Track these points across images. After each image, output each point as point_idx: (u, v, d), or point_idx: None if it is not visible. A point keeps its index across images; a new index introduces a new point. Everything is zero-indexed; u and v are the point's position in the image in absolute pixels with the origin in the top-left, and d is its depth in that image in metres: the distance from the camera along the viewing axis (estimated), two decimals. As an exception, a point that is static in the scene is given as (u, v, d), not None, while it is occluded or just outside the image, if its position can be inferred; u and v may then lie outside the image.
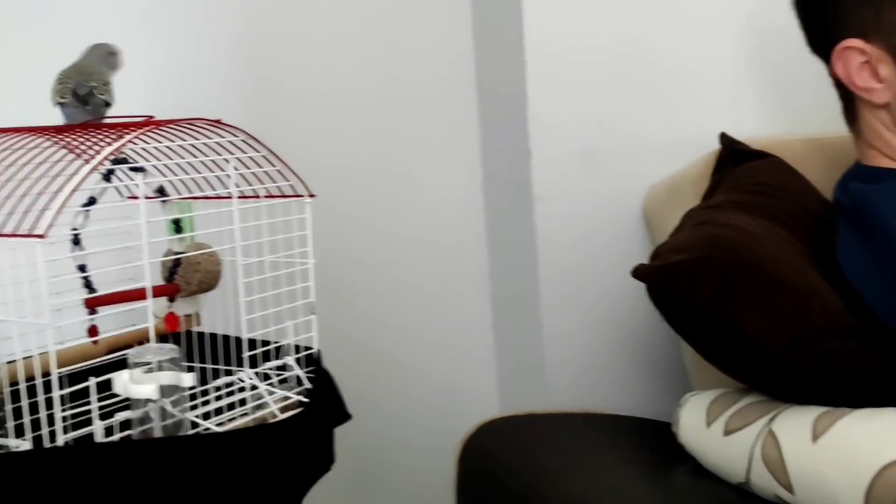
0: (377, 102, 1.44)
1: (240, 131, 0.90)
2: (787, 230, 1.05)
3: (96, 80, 0.89)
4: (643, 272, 0.98)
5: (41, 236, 0.72)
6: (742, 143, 1.25)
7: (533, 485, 1.11)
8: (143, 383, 0.78)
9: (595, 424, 1.26)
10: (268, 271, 0.95)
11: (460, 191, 1.51)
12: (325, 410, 0.90)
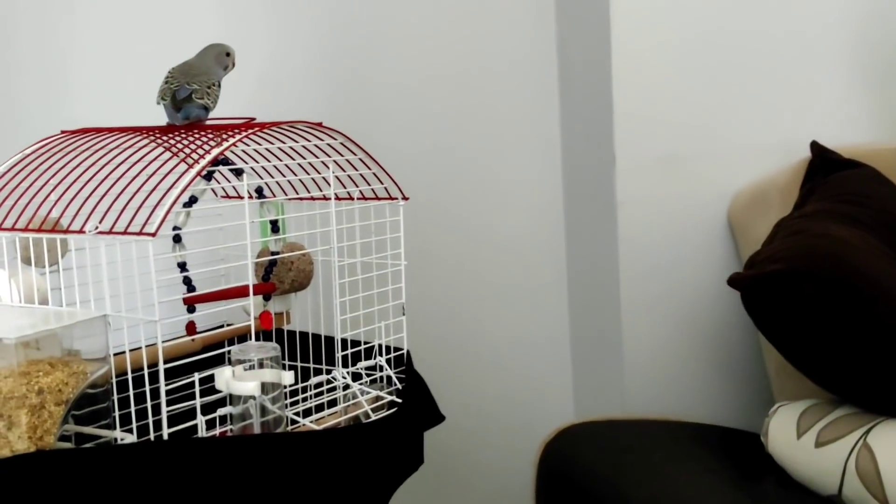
0: (462, 106, 1.45)
1: (339, 134, 0.91)
2: (882, 240, 1.04)
3: (201, 81, 0.90)
4: (739, 280, 0.97)
5: (153, 234, 0.74)
6: (833, 152, 1.23)
7: (614, 491, 1.11)
8: (246, 380, 0.79)
9: (676, 432, 1.25)
10: (360, 272, 0.96)
11: (542, 195, 1.51)
12: (418, 411, 0.91)
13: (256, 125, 0.88)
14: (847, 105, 1.41)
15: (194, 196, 0.94)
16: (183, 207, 0.94)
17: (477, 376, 1.50)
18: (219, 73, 0.92)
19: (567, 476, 1.21)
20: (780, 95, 1.39)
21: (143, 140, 0.89)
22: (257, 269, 1.01)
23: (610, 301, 1.42)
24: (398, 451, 0.88)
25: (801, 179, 1.24)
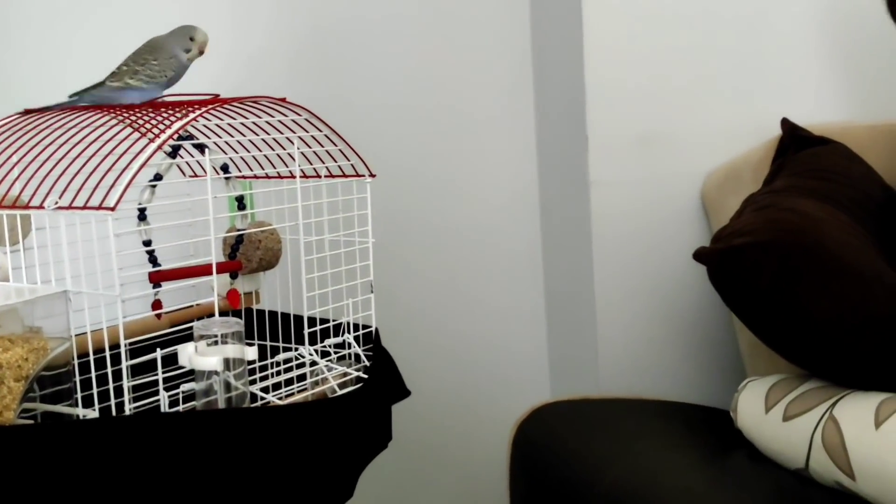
0: (435, 86, 1.45)
1: (304, 110, 0.91)
2: (850, 216, 1.04)
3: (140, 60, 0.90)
4: (705, 255, 0.97)
5: (112, 209, 0.74)
6: (804, 129, 1.23)
7: (585, 468, 1.11)
8: (208, 356, 0.79)
9: (648, 410, 1.25)
10: (328, 250, 0.96)
11: (515, 175, 1.51)
12: (384, 386, 0.91)
13: (219, 100, 0.87)
14: (818, 84, 1.41)
15: (159, 174, 0.94)
16: (148, 186, 0.93)
17: (451, 357, 1.50)
18: (178, 54, 0.91)
19: (540, 454, 1.21)
20: (752, 75, 1.39)
21: (106, 117, 0.89)
22: (224, 247, 1.01)
23: (584, 280, 1.42)
24: (365, 426, 0.88)
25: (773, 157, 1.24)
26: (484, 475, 1.47)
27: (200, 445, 0.76)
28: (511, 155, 1.51)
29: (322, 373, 0.91)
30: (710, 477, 1.04)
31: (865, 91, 1.41)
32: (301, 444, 0.82)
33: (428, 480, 1.51)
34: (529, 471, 1.22)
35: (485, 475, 1.47)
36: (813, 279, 0.91)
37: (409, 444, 1.47)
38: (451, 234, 1.48)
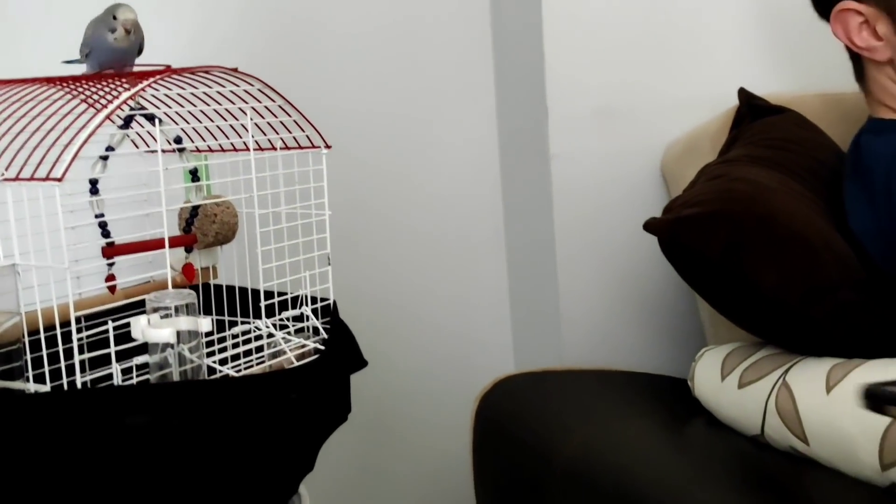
0: (393, 59, 1.44)
1: (256, 80, 0.90)
2: (802, 184, 1.05)
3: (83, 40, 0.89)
4: (655, 225, 0.97)
5: (59, 180, 0.73)
6: (760, 98, 1.24)
7: (546, 439, 1.12)
8: (161, 328, 0.78)
9: (609, 380, 1.26)
10: (284, 222, 0.95)
11: (476, 148, 1.51)
12: (341, 357, 0.91)
13: (169, 70, 0.86)
14: (775, 54, 1.42)
15: (111, 146, 0.92)
16: (100, 158, 0.92)
17: (413, 330, 1.50)
18: (103, 33, 0.89)
19: (502, 425, 1.22)
20: (710, 46, 1.40)
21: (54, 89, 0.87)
22: (179, 220, 1.00)
23: (546, 253, 1.42)
24: (323, 397, 0.88)
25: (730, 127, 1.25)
26: (447, 448, 1.48)
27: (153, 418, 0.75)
28: (472, 129, 1.50)
29: (279, 345, 0.91)
30: (668, 444, 1.05)
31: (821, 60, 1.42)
32: (258, 417, 0.82)
33: (391, 454, 1.52)
34: (492, 442, 1.23)
35: (448, 448, 1.48)
36: (762, 248, 0.92)
37: (372, 419, 1.47)
38: (411, 208, 1.48)
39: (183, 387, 0.78)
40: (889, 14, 1.02)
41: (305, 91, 1.01)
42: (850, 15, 1.05)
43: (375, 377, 1.33)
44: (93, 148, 0.90)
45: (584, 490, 1.01)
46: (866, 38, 1.04)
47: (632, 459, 1.00)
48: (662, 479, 0.95)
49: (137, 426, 0.75)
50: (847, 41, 1.06)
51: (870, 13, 1.03)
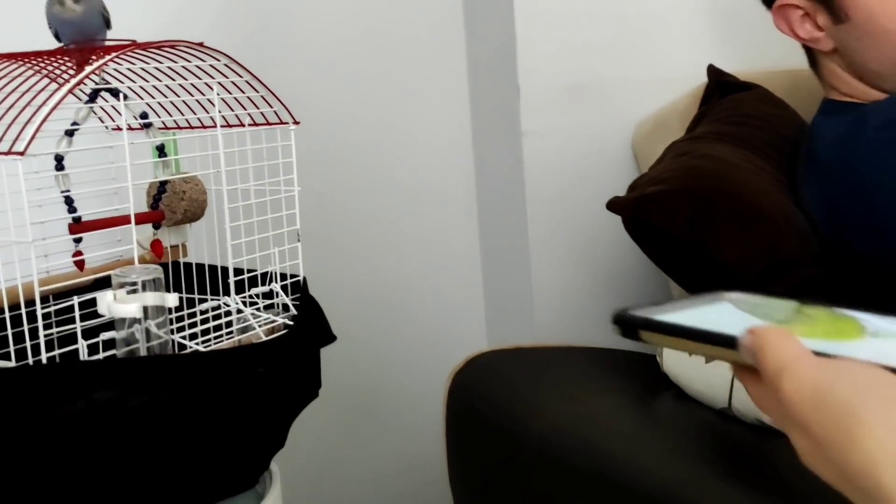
0: (364, 36, 1.43)
1: (222, 55, 0.89)
2: (766, 160, 1.05)
3: None
4: (618, 204, 0.98)
5: (21, 153, 0.72)
6: (729, 75, 1.25)
7: (517, 416, 1.12)
8: (127, 303, 0.78)
9: (580, 357, 1.27)
10: (253, 198, 0.95)
11: (448, 125, 1.51)
12: (310, 332, 0.91)
13: (134, 45, 0.86)
14: (745, 31, 1.43)
15: (76, 122, 0.92)
16: (65, 134, 0.91)
17: (386, 308, 1.51)
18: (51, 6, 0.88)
19: (475, 402, 1.22)
20: (681, 23, 1.40)
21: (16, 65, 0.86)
22: (147, 197, 0.99)
23: (518, 230, 1.43)
24: (291, 372, 0.88)
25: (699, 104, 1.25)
26: (421, 426, 1.48)
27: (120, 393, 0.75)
28: (443, 107, 1.50)
29: (248, 321, 0.91)
30: (638, 418, 1.06)
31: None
32: (226, 391, 0.82)
33: (364, 432, 1.52)
34: (465, 419, 1.23)
35: (422, 426, 1.48)
36: (725, 224, 0.92)
37: (345, 397, 1.47)
38: (383, 184, 1.48)
39: (150, 361, 0.78)
40: (825, 6, 1.03)
41: (273, 67, 1.01)
42: (790, 10, 1.06)
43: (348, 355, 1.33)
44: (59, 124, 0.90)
45: (555, 466, 1.02)
46: (809, 29, 1.05)
47: (601, 435, 1.01)
48: (631, 453, 0.95)
49: (104, 401, 0.75)
50: (791, 34, 1.08)
51: (808, 6, 1.04)
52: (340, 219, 1.45)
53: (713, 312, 0.49)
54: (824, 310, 0.47)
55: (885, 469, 0.34)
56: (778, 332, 0.42)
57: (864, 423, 0.35)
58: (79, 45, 0.91)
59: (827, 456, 0.37)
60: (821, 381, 0.39)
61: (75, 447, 0.75)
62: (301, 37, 1.39)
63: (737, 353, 0.44)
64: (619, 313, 0.49)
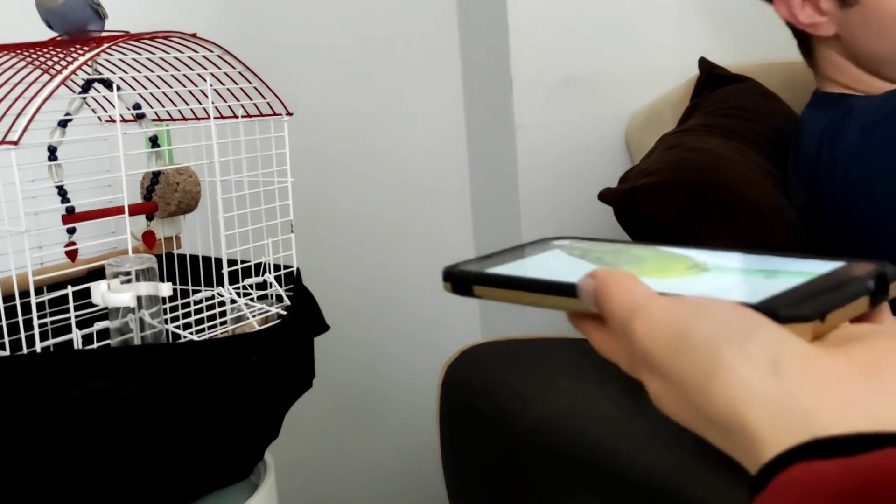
0: (358, 29, 1.43)
1: (216, 46, 0.89)
2: (758, 152, 1.06)
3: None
4: (609, 195, 0.98)
5: (14, 143, 0.72)
6: (721, 68, 1.25)
7: (511, 405, 1.13)
8: (121, 293, 0.78)
9: (572, 348, 1.27)
10: (246, 189, 0.95)
11: (442, 118, 1.51)
12: (303, 322, 0.91)
13: (127, 36, 0.86)
14: (738, 23, 1.43)
15: (69, 113, 0.92)
16: (58, 126, 0.91)
17: (380, 299, 1.51)
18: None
19: (468, 393, 1.23)
20: (673, 16, 1.41)
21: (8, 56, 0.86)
22: (140, 189, 0.99)
23: (512, 223, 1.43)
24: (285, 362, 0.88)
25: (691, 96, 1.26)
26: (415, 418, 1.49)
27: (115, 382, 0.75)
28: (437, 99, 1.50)
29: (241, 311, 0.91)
30: (625, 407, 1.06)
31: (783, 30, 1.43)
32: (220, 380, 0.82)
33: (358, 423, 1.53)
34: (458, 410, 1.24)
35: (415, 416, 1.49)
36: (715, 217, 0.93)
37: (339, 388, 1.47)
38: (377, 176, 1.48)
39: (144, 351, 0.78)
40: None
41: (266, 58, 1.01)
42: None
43: (342, 346, 1.33)
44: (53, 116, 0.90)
45: (546, 455, 1.02)
46: (810, 14, 1.04)
47: (591, 424, 1.01)
48: (621, 442, 0.96)
49: (99, 391, 0.75)
50: (791, 19, 1.06)
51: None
52: (334, 210, 1.45)
53: (545, 261, 0.46)
54: (650, 248, 0.44)
55: (748, 406, 0.32)
56: (622, 274, 0.39)
57: (725, 361, 0.33)
58: (72, 36, 0.91)
59: (686, 398, 0.35)
60: (676, 320, 0.36)
61: (69, 436, 0.75)
62: (294, 28, 1.39)
63: (577, 300, 0.40)
64: (449, 269, 0.45)
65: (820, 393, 0.31)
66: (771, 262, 0.40)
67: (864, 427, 0.30)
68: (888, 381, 0.32)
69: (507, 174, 1.42)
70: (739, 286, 0.38)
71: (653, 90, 1.38)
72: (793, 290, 0.36)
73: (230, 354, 0.82)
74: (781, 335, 0.33)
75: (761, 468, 0.31)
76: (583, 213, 1.42)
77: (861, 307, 0.36)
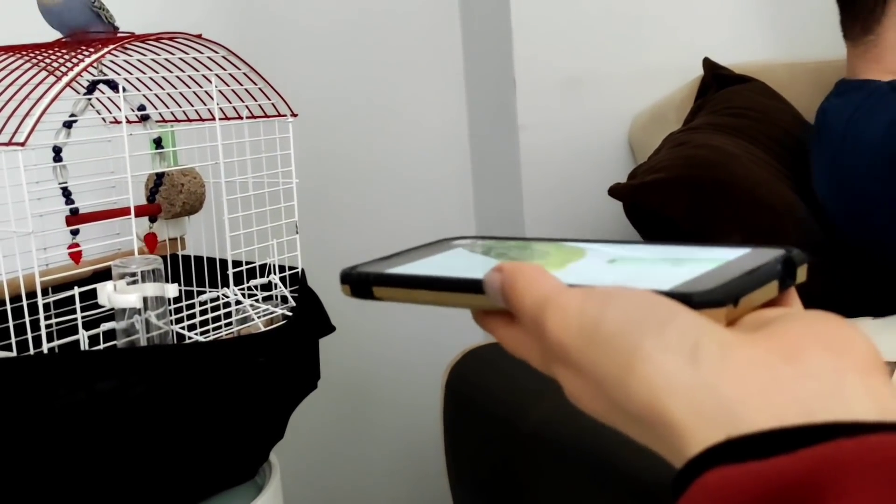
0: (362, 30, 1.43)
1: (220, 47, 0.89)
2: (765, 151, 1.06)
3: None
4: (620, 190, 0.99)
5: (21, 144, 0.72)
6: (725, 68, 1.25)
7: (514, 407, 1.13)
8: (127, 293, 0.78)
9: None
10: (251, 190, 0.95)
11: (445, 119, 1.51)
12: (308, 323, 0.91)
13: (132, 37, 0.86)
14: (740, 24, 1.43)
15: (74, 114, 0.92)
16: (63, 126, 0.92)
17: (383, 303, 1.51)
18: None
19: (471, 394, 1.23)
20: (676, 16, 1.41)
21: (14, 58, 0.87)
22: (144, 190, 0.99)
23: (516, 224, 1.43)
24: (290, 363, 0.88)
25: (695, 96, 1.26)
26: (419, 419, 1.49)
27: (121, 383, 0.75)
28: (440, 100, 1.50)
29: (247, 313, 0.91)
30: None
31: (785, 30, 1.43)
32: (226, 381, 0.82)
33: (362, 425, 1.53)
34: (461, 411, 1.24)
35: (420, 417, 1.49)
36: (725, 212, 0.93)
37: (343, 390, 1.47)
38: (381, 177, 1.48)
39: (150, 351, 0.78)
40: None
41: (271, 59, 1.01)
42: None
43: (346, 348, 1.33)
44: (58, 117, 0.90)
45: (551, 452, 1.02)
46: None
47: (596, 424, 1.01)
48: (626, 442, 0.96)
49: (105, 391, 0.75)
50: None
51: None
52: (338, 211, 1.45)
53: (447, 259, 0.44)
54: (554, 244, 0.43)
55: (667, 394, 0.30)
56: (530, 267, 0.37)
57: (641, 350, 0.31)
58: (76, 38, 0.91)
59: (603, 391, 0.33)
60: (588, 311, 0.34)
61: (76, 437, 0.75)
62: (299, 30, 1.40)
63: (482, 296, 0.38)
64: (347, 271, 0.42)
65: (741, 380, 0.30)
66: (678, 252, 0.39)
67: (788, 413, 0.29)
68: (809, 364, 0.30)
69: (510, 174, 1.42)
70: (650, 275, 0.37)
71: (655, 91, 1.38)
72: (703, 276, 0.35)
73: (236, 355, 0.82)
74: (698, 322, 0.32)
75: (682, 468, 0.29)
76: (586, 213, 1.42)
77: (771, 291, 0.36)
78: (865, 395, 0.30)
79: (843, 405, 0.29)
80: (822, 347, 0.31)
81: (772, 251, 0.37)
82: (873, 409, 0.29)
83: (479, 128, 1.50)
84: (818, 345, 0.31)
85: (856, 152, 0.95)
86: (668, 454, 0.32)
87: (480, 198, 1.53)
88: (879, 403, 0.29)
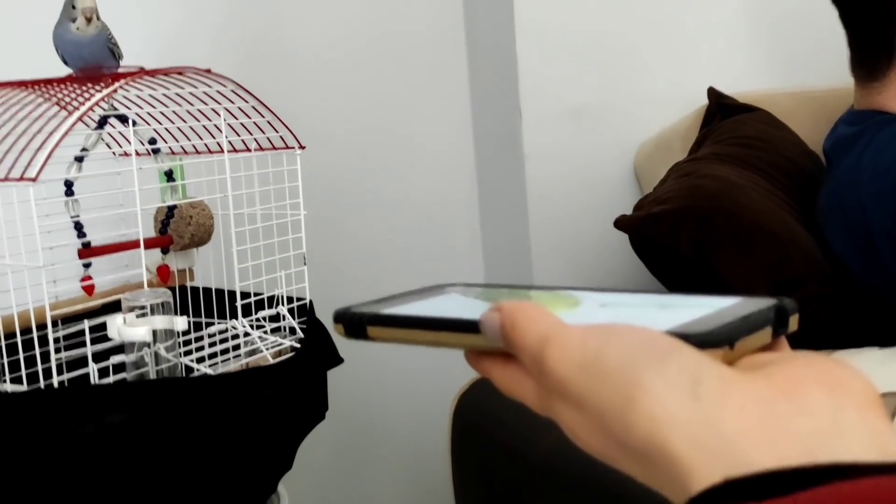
0: (369, 61, 1.45)
1: (229, 81, 0.90)
2: (770, 181, 1.06)
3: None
4: (625, 222, 0.99)
5: (33, 179, 0.73)
6: (729, 98, 1.26)
7: (521, 436, 1.13)
8: (137, 326, 0.79)
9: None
10: (259, 222, 0.96)
11: (452, 149, 1.52)
12: (317, 354, 0.91)
13: (142, 72, 0.87)
14: (745, 53, 1.44)
15: (85, 148, 0.93)
16: (74, 160, 0.93)
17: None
18: (65, 25, 0.89)
19: (480, 423, 1.22)
20: (681, 46, 1.42)
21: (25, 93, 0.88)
22: (154, 223, 1.00)
23: (522, 252, 1.44)
24: (299, 395, 0.88)
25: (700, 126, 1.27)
26: (427, 447, 1.49)
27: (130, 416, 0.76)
28: (447, 130, 1.51)
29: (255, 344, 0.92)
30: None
31: (789, 59, 1.44)
32: (235, 413, 0.83)
33: (371, 454, 1.52)
34: (471, 438, 1.23)
35: (427, 447, 1.48)
36: (730, 242, 0.93)
37: (351, 420, 1.47)
38: (388, 207, 1.49)
39: (159, 384, 0.78)
40: None
41: (279, 92, 1.02)
42: None
43: (354, 378, 1.33)
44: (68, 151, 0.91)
45: (560, 481, 1.02)
46: None
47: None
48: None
49: (115, 424, 0.75)
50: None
51: None
52: (346, 242, 1.46)
53: (441, 302, 0.44)
54: (548, 291, 0.43)
55: (668, 427, 0.30)
56: (529, 305, 0.37)
57: (642, 384, 0.32)
58: (87, 73, 0.92)
59: (603, 426, 0.33)
60: (590, 345, 0.34)
61: (86, 470, 0.75)
62: (305, 63, 1.41)
63: (479, 336, 0.38)
64: (341, 311, 0.43)
65: (742, 415, 0.30)
66: (672, 299, 0.40)
67: (788, 449, 0.29)
68: (808, 401, 0.31)
69: (516, 204, 1.42)
70: (646, 319, 0.37)
71: (661, 120, 1.39)
72: (699, 319, 0.36)
73: (244, 388, 0.82)
74: (698, 357, 0.32)
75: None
76: (592, 242, 1.42)
77: (765, 338, 0.36)
78: (864, 431, 0.30)
79: (841, 441, 0.29)
80: (820, 385, 0.31)
81: (764, 300, 0.38)
82: (871, 445, 0.29)
83: (485, 158, 1.51)
84: (817, 383, 0.32)
85: (863, 183, 0.95)
86: (666, 489, 0.32)
87: (487, 227, 1.54)
88: (878, 440, 0.30)
